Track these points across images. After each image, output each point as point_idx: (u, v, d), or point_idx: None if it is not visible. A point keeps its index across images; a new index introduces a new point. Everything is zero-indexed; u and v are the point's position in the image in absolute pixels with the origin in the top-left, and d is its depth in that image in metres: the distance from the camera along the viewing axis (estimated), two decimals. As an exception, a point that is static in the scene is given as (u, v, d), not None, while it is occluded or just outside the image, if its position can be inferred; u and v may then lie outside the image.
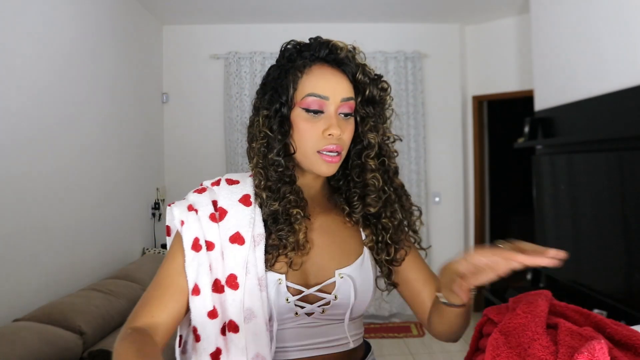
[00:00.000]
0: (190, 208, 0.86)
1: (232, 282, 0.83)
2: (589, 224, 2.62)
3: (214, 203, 0.88)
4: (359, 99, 0.88)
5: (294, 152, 0.87)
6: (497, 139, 4.78)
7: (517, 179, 5.19)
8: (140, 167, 3.63)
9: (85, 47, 2.81)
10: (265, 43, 4.09)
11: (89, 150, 2.82)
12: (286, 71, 0.87)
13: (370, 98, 0.89)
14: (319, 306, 0.86)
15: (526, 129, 3.17)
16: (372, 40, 4.19)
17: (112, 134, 3.13)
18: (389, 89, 0.92)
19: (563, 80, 2.95)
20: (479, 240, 4.42)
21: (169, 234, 0.91)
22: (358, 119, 0.90)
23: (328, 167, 0.85)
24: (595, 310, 2.41)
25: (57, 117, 2.50)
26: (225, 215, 0.86)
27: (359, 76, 0.87)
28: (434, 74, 4.28)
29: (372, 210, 0.91)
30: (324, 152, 0.84)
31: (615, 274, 2.39)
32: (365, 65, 0.89)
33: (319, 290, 0.87)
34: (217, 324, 0.82)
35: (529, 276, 3.34)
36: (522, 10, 3.85)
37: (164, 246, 3.78)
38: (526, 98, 3.69)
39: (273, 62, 0.93)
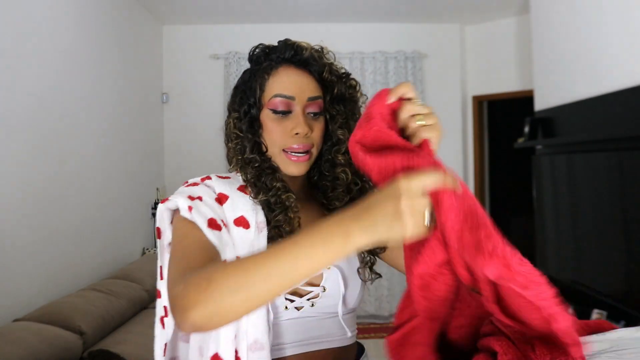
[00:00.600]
0: (192, 198, 0.81)
1: None
2: (589, 224, 2.62)
3: (213, 190, 0.87)
4: (328, 98, 0.90)
5: (267, 151, 0.89)
6: (497, 139, 4.78)
7: (517, 179, 5.18)
8: (140, 167, 3.63)
9: (85, 48, 2.81)
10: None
11: (89, 150, 2.82)
12: (254, 73, 0.90)
13: (339, 96, 0.90)
14: (308, 299, 0.86)
15: (526, 129, 3.16)
16: (372, 40, 4.19)
17: (112, 134, 3.13)
18: (357, 86, 0.93)
19: (563, 80, 2.95)
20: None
21: (159, 236, 0.86)
22: (328, 117, 0.91)
23: (296, 166, 0.86)
24: (595, 311, 2.42)
25: (57, 118, 2.50)
26: (226, 200, 0.85)
27: (326, 75, 0.88)
28: (434, 74, 4.28)
29: (338, 204, 0.91)
30: (290, 152, 0.86)
31: (615, 273, 2.39)
32: (332, 64, 0.90)
33: (308, 284, 0.87)
34: None
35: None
36: (522, 10, 3.85)
37: (164, 246, 3.78)
38: (526, 98, 3.68)
39: None
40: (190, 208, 0.78)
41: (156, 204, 3.84)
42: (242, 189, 0.88)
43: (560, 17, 2.97)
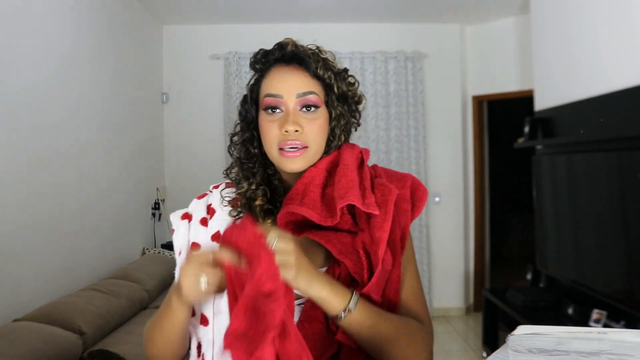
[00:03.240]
0: (184, 216, 0.92)
1: None
2: (589, 224, 2.62)
3: (208, 207, 0.91)
4: (333, 96, 0.89)
5: (254, 153, 0.90)
6: (497, 139, 4.78)
7: (517, 179, 5.19)
8: (140, 167, 3.64)
9: (85, 48, 2.81)
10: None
11: (88, 150, 2.82)
12: (253, 79, 0.93)
13: (341, 94, 0.89)
14: (298, 305, 0.85)
15: (526, 129, 3.17)
16: (372, 40, 4.19)
17: (112, 134, 3.13)
18: (356, 84, 0.92)
19: (563, 80, 2.95)
20: (479, 240, 4.42)
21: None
22: (331, 115, 0.89)
23: (291, 162, 0.85)
24: (595, 311, 2.41)
25: (57, 117, 2.50)
26: (213, 215, 0.90)
27: (320, 71, 0.86)
28: (434, 74, 4.28)
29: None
30: (285, 148, 0.84)
31: (615, 274, 2.39)
32: (326, 59, 0.88)
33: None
34: (196, 320, 0.87)
35: (528, 276, 3.34)
36: (522, 10, 3.85)
37: (164, 246, 3.78)
38: (526, 98, 3.69)
39: None
40: (173, 231, 0.93)
41: (156, 203, 3.84)
42: (235, 200, 0.90)
43: (560, 17, 2.97)
